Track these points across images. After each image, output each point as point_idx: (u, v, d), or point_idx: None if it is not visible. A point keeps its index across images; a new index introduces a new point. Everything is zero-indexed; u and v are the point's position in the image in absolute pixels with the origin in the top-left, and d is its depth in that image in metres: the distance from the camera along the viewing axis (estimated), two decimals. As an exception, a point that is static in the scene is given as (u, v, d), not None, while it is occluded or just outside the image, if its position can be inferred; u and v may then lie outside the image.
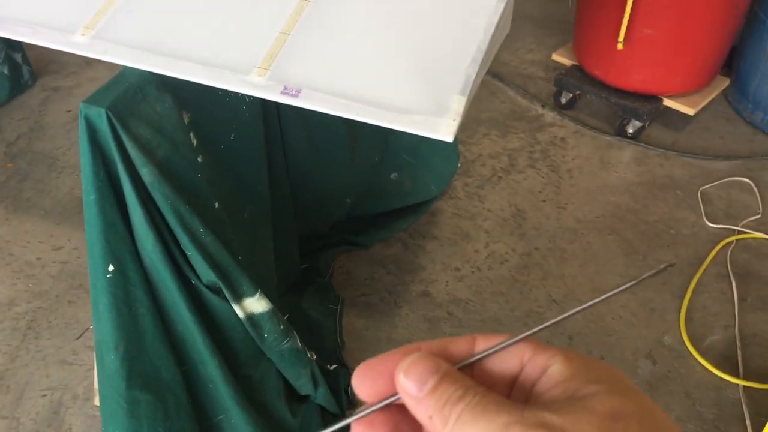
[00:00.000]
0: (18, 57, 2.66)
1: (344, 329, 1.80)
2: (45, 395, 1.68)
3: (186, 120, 1.25)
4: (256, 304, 1.27)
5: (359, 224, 2.02)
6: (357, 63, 1.21)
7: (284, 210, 1.66)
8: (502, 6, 1.20)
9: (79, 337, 1.81)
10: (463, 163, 2.34)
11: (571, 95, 2.61)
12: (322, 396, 1.49)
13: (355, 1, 1.29)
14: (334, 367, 1.65)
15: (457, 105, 1.13)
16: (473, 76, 1.15)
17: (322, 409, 1.52)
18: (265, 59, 1.18)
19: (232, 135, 1.38)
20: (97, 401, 1.45)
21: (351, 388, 1.71)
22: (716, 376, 1.71)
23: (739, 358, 1.75)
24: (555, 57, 2.68)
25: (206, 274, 1.18)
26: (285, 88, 1.13)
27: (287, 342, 1.35)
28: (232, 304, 1.24)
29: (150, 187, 1.13)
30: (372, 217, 2.04)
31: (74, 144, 2.43)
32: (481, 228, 2.13)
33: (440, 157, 2.14)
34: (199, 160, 1.27)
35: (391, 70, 1.19)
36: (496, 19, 1.17)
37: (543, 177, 2.32)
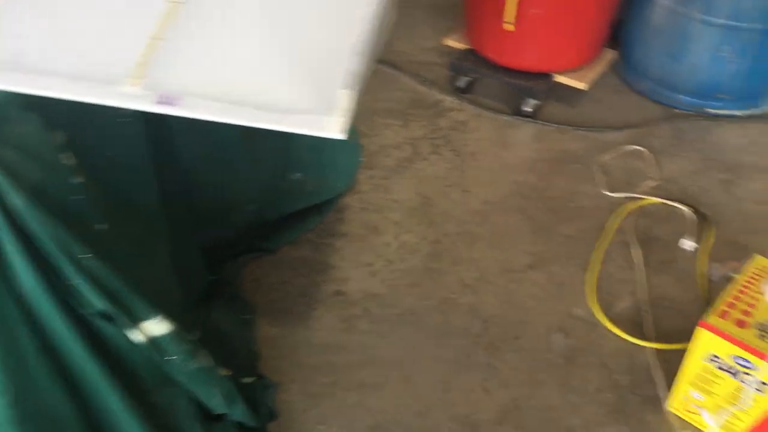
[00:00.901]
0: None
1: (259, 339, 1.75)
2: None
3: (59, 140, 1.17)
4: (156, 327, 1.20)
5: (265, 229, 1.96)
6: (237, 65, 1.16)
7: (182, 223, 1.58)
8: (379, -5, 1.18)
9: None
10: (366, 155, 2.32)
11: (467, 79, 2.62)
12: (239, 412, 1.43)
13: (230, 2, 1.24)
14: (252, 379, 1.59)
15: (344, 100, 1.10)
16: (358, 70, 1.12)
17: (240, 425, 1.46)
18: (138, 68, 1.11)
19: (114, 151, 1.30)
20: (-6, 449, 1.35)
21: (272, 399, 1.66)
22: (628, 342, 1.76)
23: (648, 322, 1.81)
24: (448, 42, 2.69)
25: (96, 302, 1.11)
26: (161, 98, 1.07)
27: (195, 361, 1.29)
28: (130, 329, 1.17)
29: (23, 215, 1.05)
30: (277, 220, 1.99)
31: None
32: (390, 220, 2.11)
33: (342, 152, 2.10)
34: (79, 180, 1.19)
35: (274, 70, 1.15)
36: (373, 9, 1.14)
37: (447, 162, 2.33)
